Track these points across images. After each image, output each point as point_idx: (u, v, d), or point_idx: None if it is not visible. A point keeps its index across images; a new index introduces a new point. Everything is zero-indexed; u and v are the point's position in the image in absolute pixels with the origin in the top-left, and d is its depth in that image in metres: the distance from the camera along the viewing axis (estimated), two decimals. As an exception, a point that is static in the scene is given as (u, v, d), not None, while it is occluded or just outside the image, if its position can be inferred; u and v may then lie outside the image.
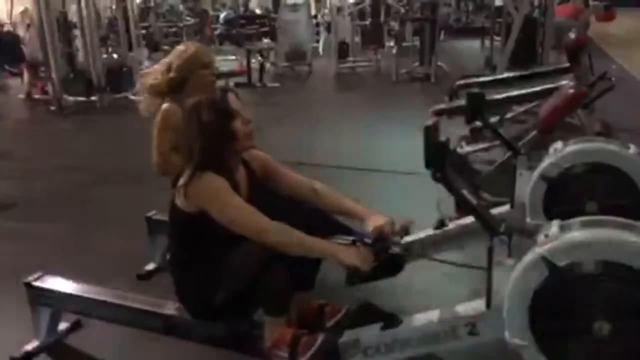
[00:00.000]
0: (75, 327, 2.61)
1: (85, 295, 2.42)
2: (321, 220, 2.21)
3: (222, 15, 12.94)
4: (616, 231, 1.50)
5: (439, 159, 1.72)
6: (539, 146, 3.46)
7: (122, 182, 4.87)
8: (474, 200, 1.75)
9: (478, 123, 5.20)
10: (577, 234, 1.52)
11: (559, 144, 2.38)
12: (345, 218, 2.27)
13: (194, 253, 2.09)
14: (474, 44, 12.09)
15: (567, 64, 5.35)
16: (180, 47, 2.86)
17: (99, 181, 4.96)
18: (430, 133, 1.71)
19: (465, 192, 1.76)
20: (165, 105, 2.73)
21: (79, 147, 6.27)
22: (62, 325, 2.58)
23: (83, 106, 7.88)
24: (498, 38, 9.10)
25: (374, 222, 2.09)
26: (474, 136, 5.20)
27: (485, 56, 9.08)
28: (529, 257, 1.57)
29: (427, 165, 1.73)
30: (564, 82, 4.61)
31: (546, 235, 1.56)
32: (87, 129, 7.17)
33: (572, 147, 2.33)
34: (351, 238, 2.10)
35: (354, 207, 2.20)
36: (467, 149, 4.89)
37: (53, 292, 2.46)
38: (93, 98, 7.83)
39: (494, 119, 5.33)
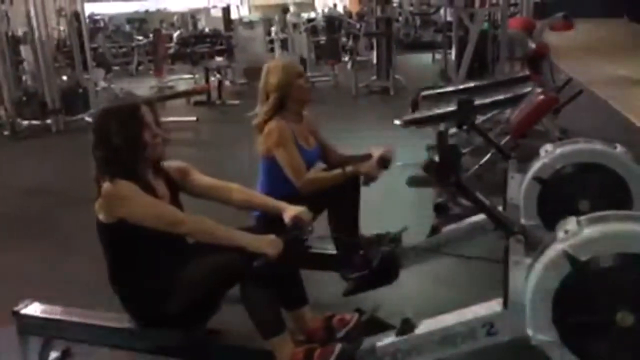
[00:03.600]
0: (65, 355, 2.50)
1: (81, 321, 2.32)
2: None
3: (175, 34, 12.83)
4: (636, 224, 1.55)
5: (453, 163, 1.75)
6: (513, 150, 3.59)
7: (87, 205, 4.71)
8: (487, 202, 1.79)
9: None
10: (597, 229, 1.57)
11: (549, 146, 2.46)
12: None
13: (130, 265, 2.08)
14: (425, 58, 12.38)
15: (526, 73, 5.59)
16: (269, 66, 2.80)
17: (63, 205, 4.81)
18: (443, 138, 1.75)
19: (478, 194, 1.79)
20: (272, 125, 2.68)
21: (37, 171, 6.05)
22: (52, 355, 2.48)
23: (38, 129, 7.62)
24: (449, 51, 9.35)
25: (289, 212, 2.16)
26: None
27: (440, 68, 9.29)
28: (550, 254, 1.61)
29: (441, 169, 1.76)
30: (527, 90, 4.79)
31: (566, 231, 1.60)
32: (44, 152, 6.93)
33: (563, 148, 2.42)
34: None
35: (270, 201, 2.28)
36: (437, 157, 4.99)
37: (44, 319, 2.35)
38: (48, 121, 7.58)
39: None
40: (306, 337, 2.18)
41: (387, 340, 1.97)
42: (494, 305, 1.87)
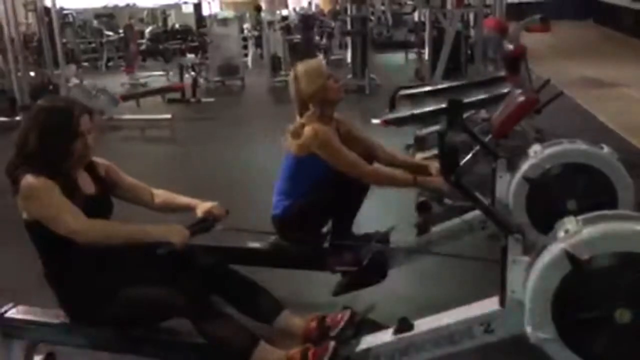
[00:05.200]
0: (49, 359, 2.45)
1: (65, 322, 2.27)
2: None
3: (147, 30, 12.65)
4: (634, 223, 1.59)
5: (453, 163, 1.76)
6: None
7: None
8: (486, 202, 1.81)
9: (419, 132, 5.46)
10: (597, 228, 1.60)
11: (537, 146, 2.50)
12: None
13: (60, 265, 2.08)
14: (398, 57, 12.45)
15: (502, 74, 5.67)
16: (296, 73, 2.72)
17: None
18: (444, 138, 1.76)
19: (478, 194, 1.81)
20: (316, 127, 2.62)
21: (8, 169, 5.89)
22: (36, 359, 2.41)
23: (7, 127, 7.40)
24: (422, 51, 9.42)
25: (202, 207, 2.25)
26: (419, 145, 5.37)
27: (415, 68, 9.38)
28: (550, 253, 1.63)
29: (442, 169, 1.77)
30: (505, 91, 4.86)
31: (566, 231, 1.63)
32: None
33: (551, 149, 2.46)
34: None
35: (186, 200, 2.33)
36: (418, 156, 5.04)
37: (28, 322, 2.30)
38: (18, 118, 7.39)
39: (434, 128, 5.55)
40: (301, 338, 2.19)
41: (384, 339, 1.98)
42: (490, 304, 1.89)
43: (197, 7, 15.58)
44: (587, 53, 11.85)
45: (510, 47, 4.71)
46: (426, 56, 8.07)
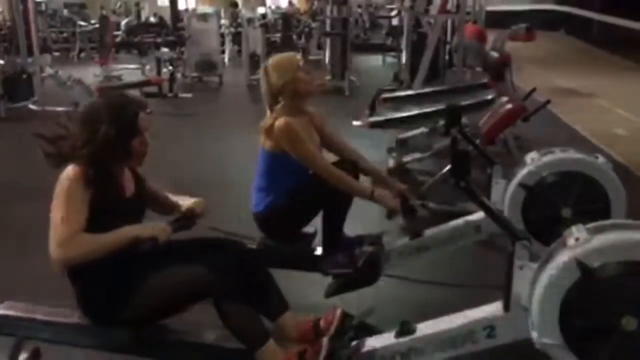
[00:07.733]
0: (34, 356, 2.37)
1: (54, 320, 2.21)
2: None
3: (123, 22, 12.40)
4: (644, 233, 1.63)
5: (463, 168, 1.78)
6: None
7: (40, 197, 4.47)
8: (494, 207, 1.83)
9: (402, 135, 5.50)
10: (608, 237, 1.63)
11: (534, 154, 2.54)
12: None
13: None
14: (375, 59, 12.52)
15: (484, 80, 5.75)
16: (266, 67, 2.68)
17: (14, 199, 4.55)
18: (455, 144, 1.77)
19: (485, 199, 1.83)
20: (284, 121, 2.57)
21: (-20, 161, 5.71)
22: (22, 356, 2.34)
23: (-21, 115, 7.22)
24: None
25: (186, 203, 2.27)
26: (401, 148, 5.41)
27: (394, 72, 9.43)
28: (560, 260, 1.66)
29: (452, 174, 1.78)
30: (488, 97, 4.93)
31: (577, 239, 1.65)
32: (-15, 140, 6.55)
33: (548, 157, 2.51)
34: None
35: (173, 200, 2.32)
36: (402, 159, 5.08)
37: (17, 318, 2.23)
38: (-10, 107, 7.20)
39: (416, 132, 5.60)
40: (295, 340, 2.19)
41: (386, 342, 1.99)
42: (493, 308, 1.91)
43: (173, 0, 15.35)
44: (559, 63, 12.12)
45: (495, 54, 4.78)
46: (403, 60, 8.14)
